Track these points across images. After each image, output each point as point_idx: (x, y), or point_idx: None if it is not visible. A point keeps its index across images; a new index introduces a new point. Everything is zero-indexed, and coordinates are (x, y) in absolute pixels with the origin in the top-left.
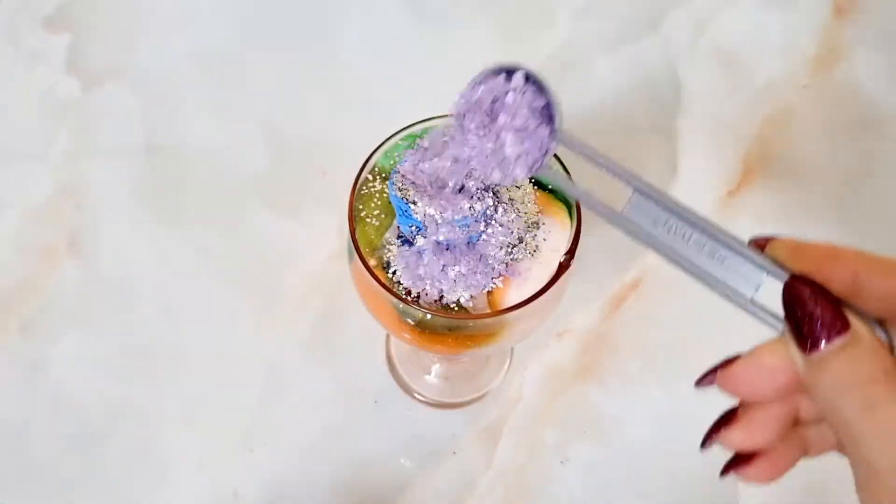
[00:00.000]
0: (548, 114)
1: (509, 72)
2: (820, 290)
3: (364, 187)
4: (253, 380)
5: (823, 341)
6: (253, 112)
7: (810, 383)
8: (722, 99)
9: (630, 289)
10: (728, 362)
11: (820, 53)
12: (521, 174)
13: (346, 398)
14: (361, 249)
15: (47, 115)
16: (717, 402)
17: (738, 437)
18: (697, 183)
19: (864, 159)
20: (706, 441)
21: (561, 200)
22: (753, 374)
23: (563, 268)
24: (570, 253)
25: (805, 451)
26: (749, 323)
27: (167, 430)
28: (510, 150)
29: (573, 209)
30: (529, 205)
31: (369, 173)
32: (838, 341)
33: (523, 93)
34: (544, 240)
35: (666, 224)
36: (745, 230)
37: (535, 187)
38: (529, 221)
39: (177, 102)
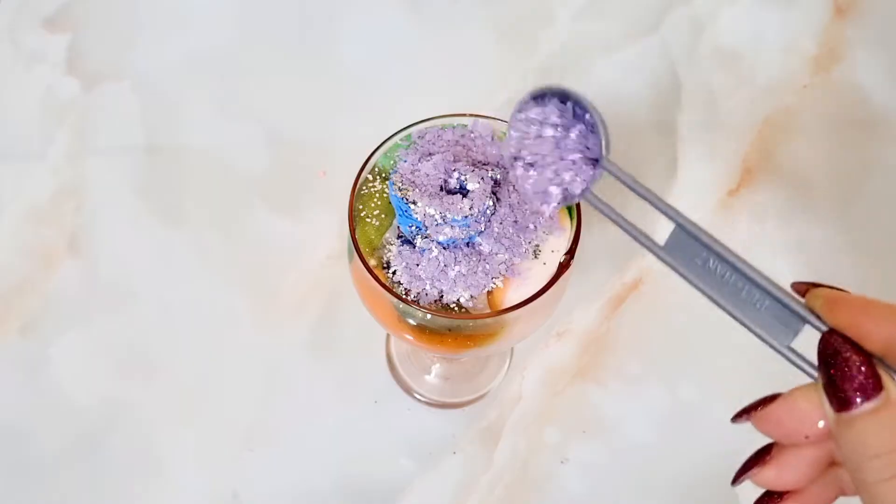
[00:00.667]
0: (594, 140)
1: (550, 96)
2: (855, 349)
3: (364, 187)
4: (253, 380)
5: (854, 403)
6: (253, 112)
7: (838, 439)
8: (722, 99)
9: (630, 289)
10: (765, 402)
11: (820, 53)
12: (569, 201)
13: (346, 398)
14: (361, 249)
15: (47, 115)
16: (718, 402)
17: (770, 476)
18: (697, 183)
19: (863, 159)
20: (738, 477)
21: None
22: (787, 418)
23: (563, 268)
24: (570, 253)
25: (841, 492)
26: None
27: (167, 431)
28: (553, 188)
29: (573, 209)
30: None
31: (369, 173)
32: (868, 405)
33: (563, 126)
34: (544, 240)
35: (706, 262)
36: (745, 230)
37: None
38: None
39: (177, 102)
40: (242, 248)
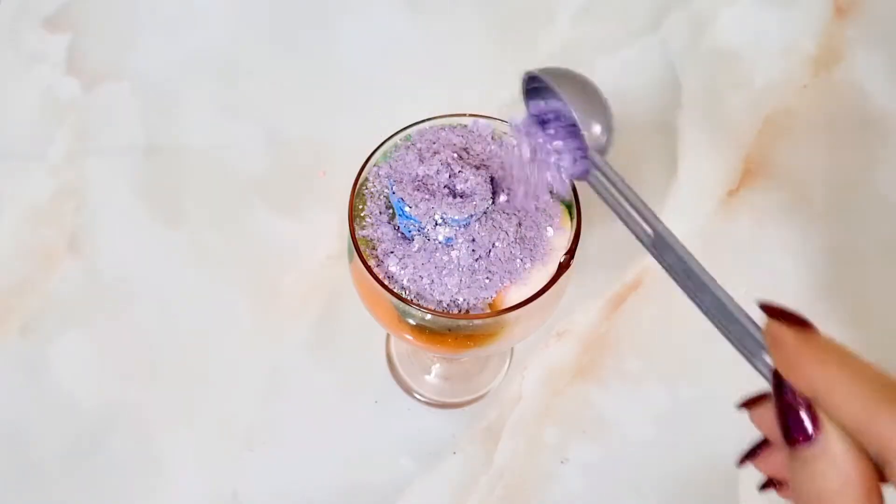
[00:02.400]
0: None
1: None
2: (795, 393)
3: (364, 187)
4: (253, 380)
5: (795, 442)
6: (253, 112)
7: (790, 472)
8: (722, 99)
9: (630, 289)
10: (760, 447)
11: (820, 53)
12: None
13: (346, 398)
14: (361, 249)
15: (47, 115)
16: (718, 401)
17: (771, 464)
18: (697, 183)
19: (863, 159)
20: (744, 459)
21: (561, 201)
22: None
23: (563, 268)
24: (570, 253)
25: None
26: None
27: (167, 431)
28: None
29: (573, 209)
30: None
31: (369, 173)
32: (807, 450)
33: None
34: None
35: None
36: (745, 230)
37: None
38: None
39: (177, 102)
40: (242, 248)
